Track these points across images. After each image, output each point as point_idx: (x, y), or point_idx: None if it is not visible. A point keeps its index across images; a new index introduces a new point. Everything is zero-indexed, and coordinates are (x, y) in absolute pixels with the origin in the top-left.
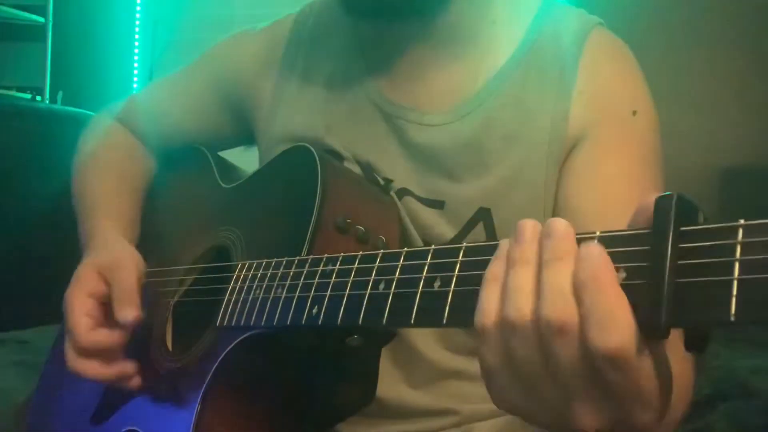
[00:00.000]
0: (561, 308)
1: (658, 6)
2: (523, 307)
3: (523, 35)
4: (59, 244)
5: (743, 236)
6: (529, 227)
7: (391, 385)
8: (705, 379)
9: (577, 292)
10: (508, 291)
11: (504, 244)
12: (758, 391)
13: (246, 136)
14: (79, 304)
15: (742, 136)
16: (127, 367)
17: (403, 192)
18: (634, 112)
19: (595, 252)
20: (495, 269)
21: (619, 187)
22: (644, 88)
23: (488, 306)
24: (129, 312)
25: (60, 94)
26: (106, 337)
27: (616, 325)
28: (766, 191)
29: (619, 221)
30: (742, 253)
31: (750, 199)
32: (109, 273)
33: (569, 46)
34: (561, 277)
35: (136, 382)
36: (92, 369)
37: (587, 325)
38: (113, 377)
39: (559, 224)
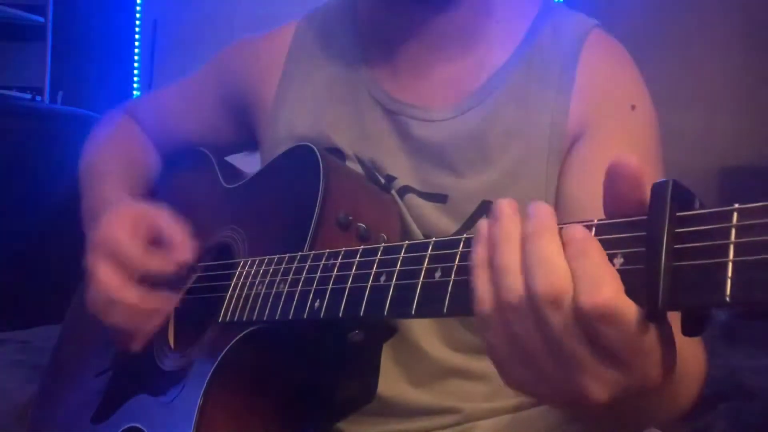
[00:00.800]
0: (553, 278)
1: (657, 6)
2: (514, 285)
3: (525, 34)
4: (60, 244)
5: (738, 219)
6: (505, 203)
7: (392, 383)
8: (705, 379)
9: (567, 261)
10: (497, 272)
11: (482, 226)
12: (758, 391)
13: (249, 142)
14: (128, 236)
15: (741, 136)
16: (171, 299)
17: (405, 189)
18: (633, 107)
19: (578, 230)
20: (479, 253)
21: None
22: (641, 84)
23: (482, 292)
24: (187, 252)
25: (60, 94)
26: (163, 260)
27: (603, 281)
28: (765, 191)
29: None
30: (737, 236)
31: (748, 198)
32: (150, 217)
33: (569, 45)
34: (546, 250)
35: (166, 319)
36: (137, 295)
37: (578, 288)
38: (151, 311)
39: (541, 205)
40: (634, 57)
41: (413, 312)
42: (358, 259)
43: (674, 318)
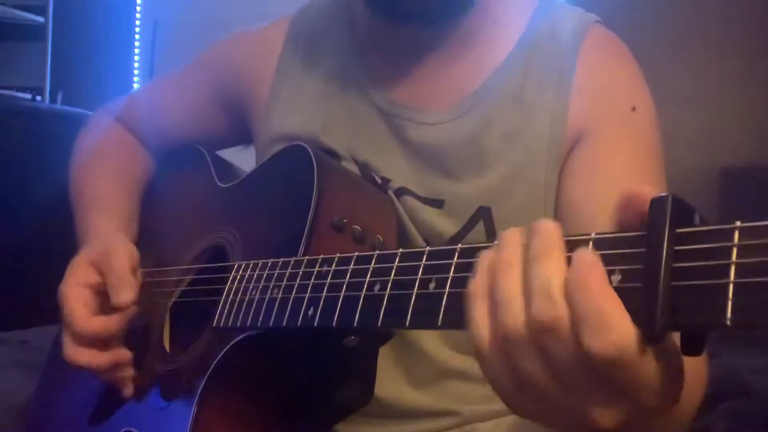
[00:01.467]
0: (549, 307)
1: (657, 6)
2: (515, 314)
3: (522, 33)
4: (59, 243)
5: (739, 238)
6: (510, 233)
7: (392, 384)
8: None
9: (568, 295)
10: (497, 304)
11: (485, 257)
12: (758, 391)
13: (243, 136)
14: (75, 294)
15: (741, 137)
16: (123, 354)
17: (401, 191)
18: (634, 108)
19: (586, 257)
20: (479, 284)
21: (619, 182)
22: (642, 83)
23: (480, 325)
24: (125, 295)
25: (60, 94)
26: (102, 323)
27: (610, 326)
28: (765, 191)
29: None
30: (738, 256)
31: (748, 199)
32: (101, 263)
33: (567, 44)
34: (548, 273)
35: (130, 372)
36: (87, 357)
37: (580, 328)
38: (107, 365)
39: (546, 223)
40: (635, 56)
41: (407, 323)
42: (352, 266)
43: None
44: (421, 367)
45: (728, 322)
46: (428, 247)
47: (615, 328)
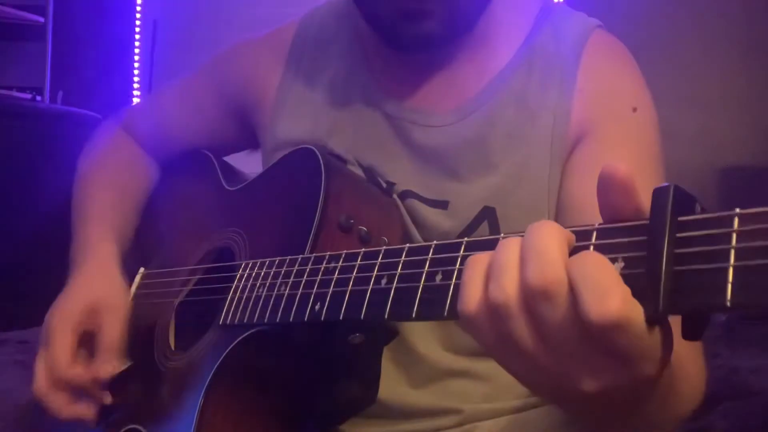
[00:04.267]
0: (547, 271)
1: (657, 6)
2: (510, 279)
3: (525, 36)
4: (60, 243)
5: (739, 224)
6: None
7: (392, 385)
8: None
9: (568, 264)
10: (492, 269)
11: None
12: (758, 391)
13: (250, 141)
14: (63, 337)
15: (741, 136)
16: (88, 413)
17: (406, 194)
18: (635, 109)
19: (591, 255)
20: (477, 255)
21: None
22: (643, 85)
23: (471, 288)
24: (110, 368)
25: (60, 94)
26: (80, 376)
27: (614, 291)
28: (764, 191)
29: None
30: (737, 241)
31: (748, 199)
32: (97, 315)
33: (570, 47)
34: (546, 241)
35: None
36: (57, 403)
37: (580, 294)
38: (71, 418)
39: (546, 222)
40: (634, 56)
41: (414, 315)
42: (359, 262)
43: (673, 321)
44: (420, 368)
45: (728, 303)
46: (435, 242)
47: (615, 294)
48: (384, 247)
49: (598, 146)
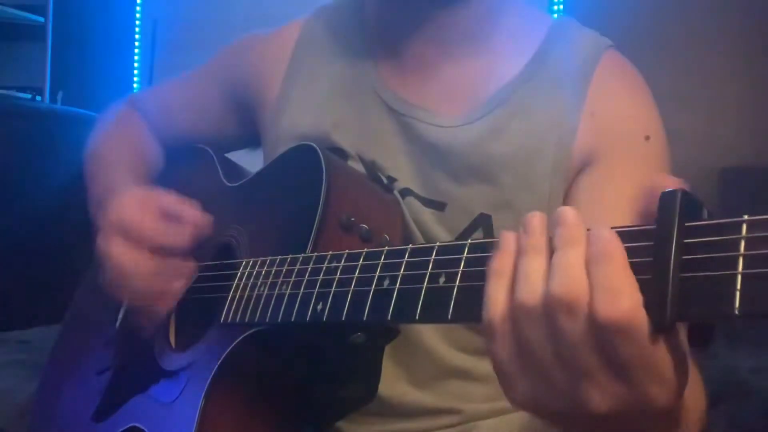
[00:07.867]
0: (570, 283)
1: (657, 6)
2: (534, 290)
3: (536, 50)
4: (60, 243)
5: (747, 231)
6: (537, 218)
7: (393, 383)
8: (705, 379)
9: (587, 267)
10: (519, 277)
11: (508, 238)
12: (758, 391)
13: (252, 139)
14: (137, 212)
15: (742, 136)
16: (188, 267)
17: (406, 191)
18: (647, 137)
19: (606, 232)
20: (500, 262)
21: (629, 210)
22: (656, 112)
23: (495, 298)
24: (194, 210)
25: (60, 94)
26: (176, 232)
27: (623, 293)
28: (765, 191)
29: None
30: (746, 248)
31: (748, 199)
32: (158, 198)
33: (581, 66)
34: (572, 258)
35: (181, 284)
36: (155, 266)
37: (595, 297)
38: (175, 275)
39: (569, 212)
40: (634, 56)
41: (417, 317)
42: (361, 262)
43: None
44: (422, 365)
45: (737, 312)
46: (438, 243)
47: (627, 296)
48: (387, 248)
49: (609, 173)
